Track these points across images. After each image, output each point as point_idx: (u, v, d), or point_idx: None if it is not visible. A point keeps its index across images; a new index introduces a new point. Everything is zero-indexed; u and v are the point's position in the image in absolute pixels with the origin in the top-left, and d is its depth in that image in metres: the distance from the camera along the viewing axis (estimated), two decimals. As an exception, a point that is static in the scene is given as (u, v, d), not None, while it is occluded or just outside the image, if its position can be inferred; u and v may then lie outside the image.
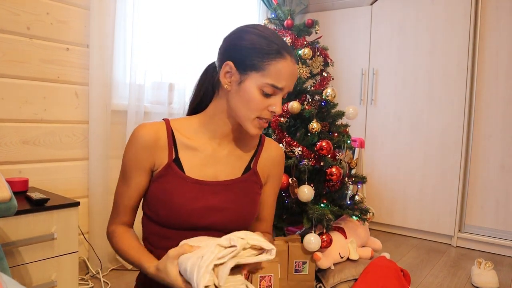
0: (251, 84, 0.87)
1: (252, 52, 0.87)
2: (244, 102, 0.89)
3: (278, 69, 0.87)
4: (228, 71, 0.90)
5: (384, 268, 1.94)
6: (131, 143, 0.94)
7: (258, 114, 0.90)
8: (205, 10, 2.64)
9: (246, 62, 0.87)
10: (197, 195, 0.93)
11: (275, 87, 0.87)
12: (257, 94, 0.88)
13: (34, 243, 1.43)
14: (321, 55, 2.21)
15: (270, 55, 0.87)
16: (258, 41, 0.88)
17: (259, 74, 0.87)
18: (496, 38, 2.73)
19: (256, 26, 0.92)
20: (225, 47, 0.93)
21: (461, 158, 2.85)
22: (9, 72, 1.78)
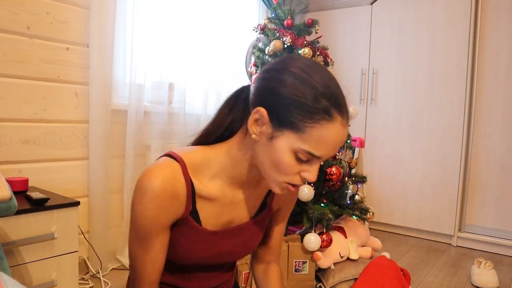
0: (284, 144, 0.70)
1: (292, 106, 0.68)
2: (273, 163, 0.72)
3: (321, 136, 0.68)
4: (258, 118, 0.72)
5: (384, 268, 1.94)
6: (145, 201, 0.75)
7: (288, 179, 0.74)
8: (205, 10, 2.64)
9: (283, 116, 0.69)
10: (212, 245, 0.86)
11: (312, 155, 0.70)
12: (290, 158, 0.71)
13: (34, 242, 1.43)
14: (321, 55, 2.21)
15: (315, 115, 0.67)
16: (302, 92, 0.68)
17: (295, 136, 0.69)
18: (496, 38, 2.73)
19: (303, 66, 0.71)
20: (260, 85, 0.74)
21: (461, 158, 2.85)
22: (9, 71, 1.78)
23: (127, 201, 2.24)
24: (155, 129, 2.43)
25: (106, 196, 2.12)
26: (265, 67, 0.77)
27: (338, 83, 0.74)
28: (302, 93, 0.68)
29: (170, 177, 0.76)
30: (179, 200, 0.78)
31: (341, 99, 0.71)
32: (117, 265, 2.23)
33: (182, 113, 2.49)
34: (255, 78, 0.78)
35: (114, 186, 2.24)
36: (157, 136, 2.43)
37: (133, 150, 2.23)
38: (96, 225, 2.10)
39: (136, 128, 2.24)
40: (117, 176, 2.25)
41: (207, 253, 0.86)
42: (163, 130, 2.45)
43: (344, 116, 0.71)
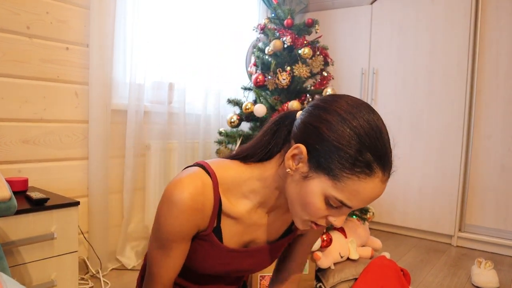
0: (317, 187, 0.68)
1: (334, 153, 0.66)
2: (302, 201, 0.71)
3: (357, 189, 0.66)
4: (297, 154, 0.71)
5: (384, 268, 1.94)
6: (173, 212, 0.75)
7: (313, 220, 0.73)
8: (205, 9, 2.64)
9: (322, 160, 0.67)
10: (230, 262, 0.86)
11: (343, 204, 0.68)
12: (320, 202, 0.69)
13: (34, 242, 1.43)
14: (321, 55, 2.21)
15: (355, 168, 0.65)
16: (347, 140, 0.65)
17: (331, 182, 0.67)
18: (496, 38, 2.73)
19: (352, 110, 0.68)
20: (306, 120, 0.71)
21: (461, 158, 2.85)
22: (9, 71, 1.78)
23: (127, 201, 2.24)
24: (155, 129, 2.42)
25: (106, 196, 2.12)
26: (315, 101, 0.75)
27: (387, 131, 0.70)
28: (347, 142, 0.66)
29: (200, 193, 0.75)
30: (204, 215, 0.78)
31: (387, 153, 0.69)
32: (117, 265, 2.23)
33: (182, 113, 2.49)
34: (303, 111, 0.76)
35: (114, 186, 2.24)
36: (157, 136, 2.43)
37: (133, 150, 2.23)
38: (96, 225, 2.09)
39: (136, 128, 2.24)
40: (117, 176, 2.24)
41: (223, 268, 0.87)
42: (163, 130, 2.45)
43: (386, 172, 0.68)
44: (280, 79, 2.13)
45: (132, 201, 2.28)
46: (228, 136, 2.32)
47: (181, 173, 0.79)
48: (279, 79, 2.13)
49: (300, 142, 0.71)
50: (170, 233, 0.76)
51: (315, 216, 0.71)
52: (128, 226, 2.28)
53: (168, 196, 0.75)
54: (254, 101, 2.33)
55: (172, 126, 2.51)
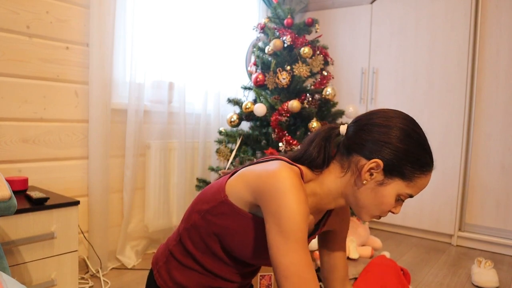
0: (393, 190, 0.84)
1: (408, 161, 0.83)
2: (377, 203, 0.86)
3: (422, 183, 0.85)
4: (373, 168, 0.84)
5: (384, 267, 1.94)
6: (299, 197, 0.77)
7: (381, 213, 0.88)
8: (205, 9, 2.64)
9: (397, 168, 0.83)
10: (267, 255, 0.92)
11: (411, 197, 0.87)
12: (393, 200, 0.85)
13: (34, 242, 1.43)
14: (321, 54, 2.21)
15: (422, 168, 0.84)
16: (416, 150, 0.84)
17: (405, 184, 0.84)
18: (496, 38, 2.73)
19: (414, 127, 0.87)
20: (377, 139, 0.84)
21: (461, 158, 2.85)
22: (9, 71, 1.78)
23: (126, 200, 2.24)
24: (155, 128, 2.43)
25: (106, 196, 2.12)
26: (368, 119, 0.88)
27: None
28: (417, 153, 0.84)
29: (299, 176, 0.83)
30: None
31: (432, 153, 0.88)
32: (117, 264, 2.23)
33: (182, 113, 2.49)
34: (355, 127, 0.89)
35: (114, 186, 2.24)
36: (157, 136, 2.43)
37: (133, 149, 2.23)
38: (96, 224, 2.09)
39: (136, 127, 2.24)
40: (117, 176, 2.24)
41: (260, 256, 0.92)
42: (163, 130, 2.45)
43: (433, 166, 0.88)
44: (280, 78, 2.13)
45: (132, 201, 2.28)
46: (228, 135, 2.32)
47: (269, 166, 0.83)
48: (279, 78, 2.13)
49: (374, 158, 0.84)
50: (303, 219, 0.77)
51: (385, 210, 0.87)
52: (128, 226, 2.28)
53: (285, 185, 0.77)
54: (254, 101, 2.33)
55: (172, 126, 2.51)
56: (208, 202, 0.92)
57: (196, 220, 0.93)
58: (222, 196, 0.88)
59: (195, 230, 0.94)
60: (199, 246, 0.94)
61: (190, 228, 0.95)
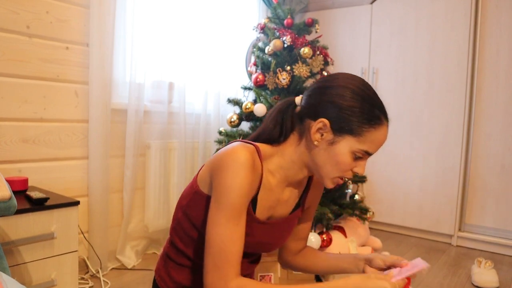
0: (344, 147, 0.84)
1: (352, 115, 0.83)
2: (333, 163, 0.86)
3: (374, 137, 0.84)
4: (321, 128, 0.85)
5: (384, 267, 1.93)
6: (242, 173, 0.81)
7: (342, 174, 0.88)
8: (205, 9, 2.64)
9: (344, 124, 0.83)
10: (255, 233, 0.93)
11: (367, 153, 0.86)
12: (349, 158, 0.85)
13: (33, 242, 1.43)
14: (321, 54, 2.21)
15: (371, 122, 0.83)
16: (361, 104, 0.83)
17: (355, 139, 0.84)
18: (496, 38, 2.73)
19: (362, 87, 0.86)
20: (321, 100, 0.86)
21: (461, 158, 2.85)
22: (9, 71, 1.78)
23: (126, 200, 2.24)
24: (155, 128, 2.42)
25: (106, 196, 2.12)
26: (315, 84, 0.90)
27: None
28: (361, 106, 0.83)
29: (254, 155, 0.86)
30: (257, 178, 0.87)
31: (383, 106, 0.87)
32: (116, 264, 2.23)
33: (182, 113, 2.49)
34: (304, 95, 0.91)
35: (114, 186, 2.24)
36: (157, 136, 2.43)
37: (133, 149, 2.23)
38: (96, 224, 2.09)
39: (136, 127, 2.24)
40: (117, 176, 2.24)
41: (250, 240, 0.92)
42: (163, 130, 2.44)
43: (387, 119, 0.87)
44: (280, 78, 2.13)
45: (132, 201, 2.28)
46: (228, 135, 2.31)
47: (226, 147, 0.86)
48: (279, 78, 2.13)
49: (320, 118, 0.85)
50: (241, 195, 0.81)
51: (345, 170, 0.87)
52: (128, 226, 2.28)
53: (229, 161, 0.81)
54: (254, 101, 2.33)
55: (172, 126, 2.51)
56: (186, 197, 0.94)
57: (179, 217, 0.95)
58: (195, 187, 0.92)
59: (180, 226, 0.96)
60: (186, 241, 0.95)
61: (176, 226, 0.97)
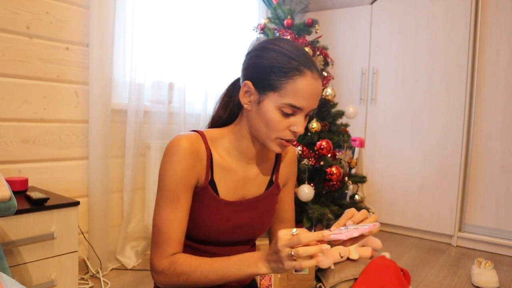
0: (269, 104, 0.85)
1: (270, 71, 0.84)
2: (264, 123, 0.86)
3: (296, 88, 0.82)
4: (247, 90, 0.88)
5: (384, 268, 1.94)
6: (175, 160, 0.86)
7: (279, 135, 0.86)
8: (205, 9, 2.64)
9: (264, 81, 0.85)
10: (228, 216, 0.94)
11: (294, 107, 0.84)
12: (277, 115, 0.84)
13: (34, 242, 1.43)
14: (321, 55, 2.21)
15: (288, 74, 0.82)
16: (276, 59, 0.84)
17: (276, 94, 0.83)
18: (496, 38, 2.73)
19: (277, 42, 0.87)
20: (245, 65, 0.91)
21: (461, 158, 2.85)
22: (9, 71, 1.78)
23: (126, 201, 2.24)
24: (155, 128, 2.42)
25: (106, 196, 2.12)
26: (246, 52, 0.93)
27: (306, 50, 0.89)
28: (277, 60, 0.84)
29: (194, 140, 0.89)
30: (201, 162, 0.90)
31: (308, 58, 0.85)
32: (117, 265, 2.22)
33: (182, 113, 2.49)
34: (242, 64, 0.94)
35: (114, 186, 2.24)
36: (157, 136, 2.43)
37: (133, 149, 2.23)
38: (96, 225, 2.09)
39: (136, 127, 2.24)
40: (117, 176, 2.24)
41: (224, 224, 0.93)
42: (163, 130, 2.44)
43: (313, 70, 0.84)
44: (280, 79, 2.13)
45: (132, 201, 2.27)
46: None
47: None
48: (279, 79, 2.13)
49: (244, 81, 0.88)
50: (175, 180, 0.86)
51: (279, 129, 0.86)
52: (128, 226, 2.28)
53: (169, 148, 0.88)
54: (254, 101, 2.33)
55: (172, 126, 2.51)
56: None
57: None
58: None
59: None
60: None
61: None
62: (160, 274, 0.87)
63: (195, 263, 0.84)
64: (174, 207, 0.87)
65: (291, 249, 0.72)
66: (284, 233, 0.74)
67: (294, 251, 0.71)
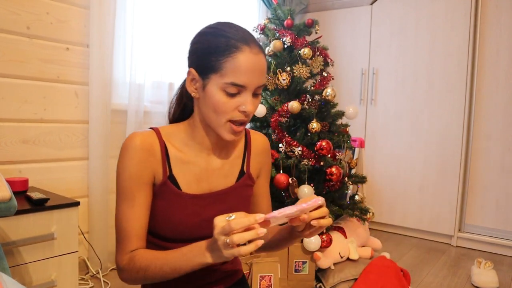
0: (213, 87, 0.83)
1: (209, 54, 0.83)
2: (211, 107, 0.84)
3: (234, 65, 0.80)
4: (192, 78, 0.87)
5: (384, 268, 1.94)
6: (127, 156, 0.87)
7: (228, 117, 0.84)
8: (205, 9, 2.64)
9: (205, 65, 0.83)
10: (195, 210, 0.91)
11: (236, 85, 0.81)
12: (222, 96, 0.82)
13: (34, 242, 1.43)
14: (321, 55, 2.21)
15: (225, 52, 0.81)
16: (214, 41, 0.83)
17: (218, 75, 0.82)
18: (496, 38, 2.73)
19: (213, 25, 0.87)
20: (188, 54, 0.90)
21: (461, 158, 2.85)
22: (9, 71, 1.78)
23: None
24: (155, 129, 2.42)
25: (106, 196, 2.12)
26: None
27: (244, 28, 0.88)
28: (214, 42, 0.83)
29: (146, 137, 0.88)
30: (156, 157, 0.88)
31: (246, 34, 0.84)
32: (117, 265, 2.22)
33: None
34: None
35: (114, 186, 2.23)
36: (157, 136, 2.42)
37: (133, 150, 2.23)
38: (96, 225, 2.10)
39: (136, 128, 2.24)
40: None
41: (191, 220, 0.90)
42: (163, 130, 2.44)
43: (252, 45, 0.83)
44: (280, 79, 2.13)
45: (132, 201, 2.27)
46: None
47: None
48: (279, 79, 2.13)
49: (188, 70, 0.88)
50: (129, 178, 0.87)
51: (226, 111, 0.83)
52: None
53: (122, 147, 0.88)
54: (254, 101, 2.33)
55: (172, 126, 2.50)
56: None
57: None
58: None
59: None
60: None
61: None
62: (121, 270, 0.88)
63: (151, 257, 0.83)
64: (130, 204, 0.87)
65: (226, 237, 0.69)
66: (219, 220, 0.72)
67: (229, 238, 0.69)
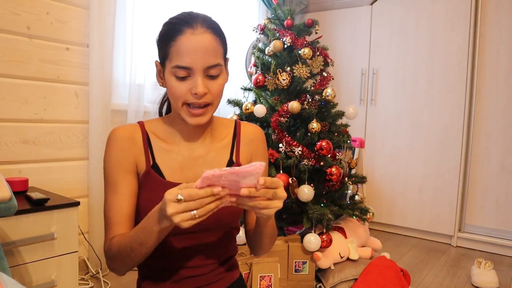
0: (167, 74, 0.87)
1: (160, 43, 0.88)
2: (170, 93, 0.88)
3: (177, 49, 0.83)
4: (158, 70, 0.92)
5: (384, 268, 1.94)
6: (109, 146, 0.90)
7: (182, 100, 0.86)
8: (205, 10, 2.64)
9: (160, 55, 0.88)
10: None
11: (181, 68, 0.83)
12: (173, 81, 0.85)
13: (34, 243, 1.43)
14: (321, 55, 2.21)
15: (170, 37, 0.84)
16: (163, 30, 0.87)
17: (168, 61, 0.85)
18: (496, 38, 2.73)
19: (171, 17, 0.89)
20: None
21: (461, 158, 2.85)
22: (9, 72, 1.78)
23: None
24: (155, 129, 2.42)
25: (106, 196, 2.12)
26: None
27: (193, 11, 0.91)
28: (163, 31, 0.87)
29: (128, 127, 0.92)
30: (137, 146, 0.91)
31: (191, 16, 0.86)
32: (117, 265, 2.23)
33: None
34: None
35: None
36: (157, 136, 2.42)
37: (133, 150, 2.23)
38: (96, 225, 2.10)
39: (136, 128, 2.24)
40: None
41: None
42: (163, 130, 2.44)
43: (195, 26, 0.84)
44: (280, 79, 2.13)
45: (132, 201, 2.27)
46: (228, 136, 2.31)
47: None
48: (279, 79, 2.13)
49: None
50: (111, 165, 0.89)
51: (180, 94, 0.85)
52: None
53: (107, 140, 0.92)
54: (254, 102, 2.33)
55: (172, 126, 2.51)
56: None
57: None
58: None
59: None
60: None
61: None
62: (106, 259, 0.89)
63: (121, 238, 0.83)
64: (113, 191, 0.89)
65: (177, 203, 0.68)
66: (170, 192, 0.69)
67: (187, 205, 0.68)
